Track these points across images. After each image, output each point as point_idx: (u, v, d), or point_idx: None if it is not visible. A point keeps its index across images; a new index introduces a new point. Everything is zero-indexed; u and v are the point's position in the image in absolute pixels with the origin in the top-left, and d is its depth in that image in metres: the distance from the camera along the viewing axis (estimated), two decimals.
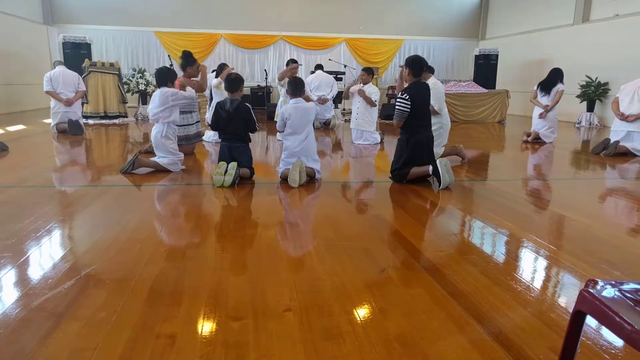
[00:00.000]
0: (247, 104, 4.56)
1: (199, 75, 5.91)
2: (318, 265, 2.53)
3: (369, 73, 7.42)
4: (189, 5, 14.47)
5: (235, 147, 4.49)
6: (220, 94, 6.89)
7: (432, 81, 5.20)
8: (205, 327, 1.88)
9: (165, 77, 4.98)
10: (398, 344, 1.77)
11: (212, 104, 7.29)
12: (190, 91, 5.39)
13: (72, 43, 10.80)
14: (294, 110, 4.46)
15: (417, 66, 4.50)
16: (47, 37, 13.64)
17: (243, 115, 4.48)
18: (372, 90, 7.30)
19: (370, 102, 7.22)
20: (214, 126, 4.69)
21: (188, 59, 6.00)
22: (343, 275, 2.39)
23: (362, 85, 7.33)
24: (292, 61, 7.82)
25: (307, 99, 4.73)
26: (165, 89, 4.88)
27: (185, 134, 5.89)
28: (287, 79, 7.86)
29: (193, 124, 6.06)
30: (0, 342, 1.75)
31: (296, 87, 4.57)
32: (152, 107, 4.98)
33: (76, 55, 10.56)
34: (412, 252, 2.76)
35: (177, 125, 5.48)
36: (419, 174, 4.49)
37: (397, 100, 4.45)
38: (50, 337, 1.78)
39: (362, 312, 2.01)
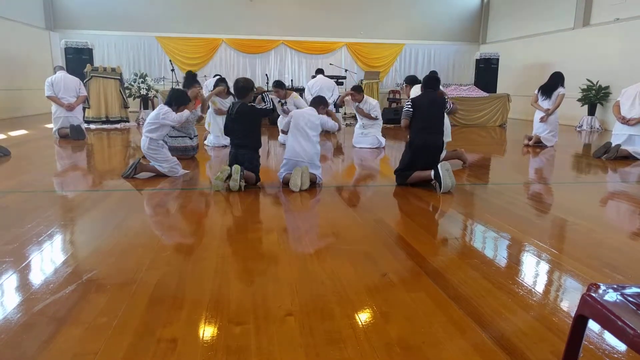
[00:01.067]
0: (250, 103, 4.54)
1: (196, 103, 5.71)
2: (319, 269, 2.53)
3: (359, 92, 7.18)
4: (190, 10, 14.53)
5: (240, 154, 4.46)
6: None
7: (415, 90, 5.45)
8: (207, 331, 1.87)
9: (172, 97, 4.92)
10: (399, 348, 1.77)
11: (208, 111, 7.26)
12: (185, 114, 5.16)
13: (74, 48, 10.83)
14: (300, 114, 4.61)
15: (425, 82, 4.84)
16: (49, 42, 13.70)
17: (247, 119, 4.46)
18: (370, 107, 7.24)
19: (371, 119, 7.24)
20: (225, 131, 4.75)
21: (187, 80, 6.04)
22: (344, 279, 2.39)
23: (356, 104, 7.20)
24: (276, 84, 7.69)
25: (331, 114, 4.91)
26: (164, 106, 4.86)
27: (174, 146, 5.81)
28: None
29: (187, 136, 6.02)
30: (1, 346, 1.75)
31: (315, 101, 4.79)
32: (148, 118, 4.99)
33: (78, 60, 10.60)
34: (414, 256, 2.76)
35: (170, 136, 5.43)
36: (421, 178, 4.51)
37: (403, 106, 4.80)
38: (51, 342, 1.78)
39: (363, 316, 2.01)
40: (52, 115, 8.17)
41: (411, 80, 6.58)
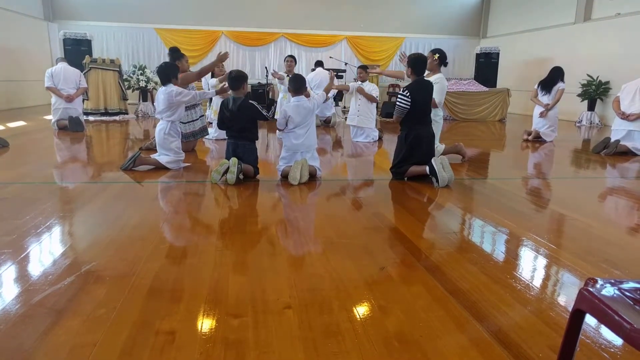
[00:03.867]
0: (251, 101, 4.48)
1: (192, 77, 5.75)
2: (318, 262, 2.53)
3: (366, 69, 7.50)
4: (189, 2, 14.44)
5: (241, 145, 4.45)
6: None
7: (439, 76, 5.23)
8: (205, 324, 1.88)
9: (168, 73, 4.84)
10: (397, 342, 1.78)
11: (211, 102, 7.29)
12: (196, 91, 5.20)
13: (73, 39, 10.79)
14: (295, 108, 4.44)
15: (420, 65, 4.57)
16: (48, 33, 13.62)
17: (248, 114, 4.42)
18: (372, 87, 7.40)
19: (371, 99, 7.26)
20: (220, 125, 4.68)
21: (174, 54, 6.01)
22: (343, 272, 2.39)
23: (360, 82, 7.39)
24: (290, 56, 7.91)
25: (308, 95, 4.73)
26: (170, 88, 4.79)
27: (191, 130, 5.90)
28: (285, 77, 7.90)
29: (197, 118, 6.04)
30: (0, 337, 1.75)
31: (298, 85, 4.54)
32: (157, 105, 4.94)
33: (77, 51, 10.56)
34: (412, 250, 2.76)
35: (183, 123, 5.43)
36: (417, 173, 4.50)
37: (398, 96, 4.54)
38: (50, 333, 1.78)
39: (361, 310, 2.02)
40: (52, 107, 8.13)
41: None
